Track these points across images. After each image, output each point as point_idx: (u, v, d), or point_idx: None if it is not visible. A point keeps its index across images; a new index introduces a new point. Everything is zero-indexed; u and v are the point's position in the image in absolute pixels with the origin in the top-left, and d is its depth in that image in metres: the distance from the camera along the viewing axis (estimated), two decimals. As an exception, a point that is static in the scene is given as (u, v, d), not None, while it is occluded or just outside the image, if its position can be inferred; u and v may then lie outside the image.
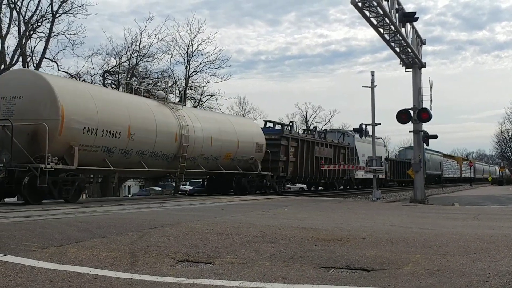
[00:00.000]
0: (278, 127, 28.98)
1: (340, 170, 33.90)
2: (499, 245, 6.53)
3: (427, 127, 25.30)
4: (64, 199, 14.36)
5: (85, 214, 9.83)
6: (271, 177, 25.23)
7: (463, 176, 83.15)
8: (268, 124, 29.21)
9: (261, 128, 26.55)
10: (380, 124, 25.35)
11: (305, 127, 79.16)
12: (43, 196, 13.93)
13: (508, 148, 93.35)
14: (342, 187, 37.78)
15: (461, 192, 46.89)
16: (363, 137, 40.56)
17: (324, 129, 33.16)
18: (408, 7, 20.37)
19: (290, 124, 31.61)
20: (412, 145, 26.90)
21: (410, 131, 24.87)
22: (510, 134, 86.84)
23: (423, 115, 23.55)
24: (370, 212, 13.52)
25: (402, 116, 23.62)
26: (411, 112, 23.76)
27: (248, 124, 25.69)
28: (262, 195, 23.21)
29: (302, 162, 28.92)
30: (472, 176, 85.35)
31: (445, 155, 74.85)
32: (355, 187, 40.32)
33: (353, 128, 29.63)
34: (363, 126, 25.21)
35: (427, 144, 26.84)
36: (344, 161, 34.51)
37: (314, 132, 32.73)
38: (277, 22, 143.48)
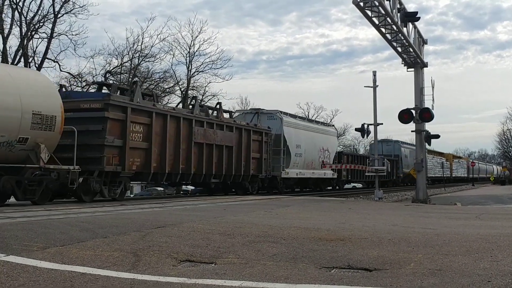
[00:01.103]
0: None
1: (253, 165, 23.39)
2: (501, 245, 6.53)
3: (429, 127, 25.31)
4: None
5: (87, 214, 9.84)
6: (86, 174, 15.05)
7: (453, 175, 71.39)
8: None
9: (74, 91, 16.24)
10: (382, 124, 25.39)
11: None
12: None
13: (510, 148, 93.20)
14: (265, 191, 26.88)
15: (463, 192, 46.82)
16: (299, 120, 30.70)
17: (219, 102, 22.54)
18: (409, 7, 20.42)
19: (134, 85, 18.55)
20: (386, 138, 26.10)
21: (412, 131, 24.87)
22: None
23: (425, 115, 23.54)
24: (372, 212, 13.51)
25: (404, 116, 23.61)
26: (413, 112, 23.75)
27: (6, 75, 13.17)
28: (264, 195, 23.16)
29: (165, 151, 17.75)
30: (466, 175, 77.91)
31: (430, 151, 63.68)
32: (287, 191, 27.92)
33: (355, 128, 29.33)
34: (365, 126, 25.20)
35: (429, 144, 26.84)
36: (260, 153, 23.96)
37: (192, 105, 21.13)
38: (278, 22, 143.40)
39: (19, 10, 31.10)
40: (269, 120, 26.65)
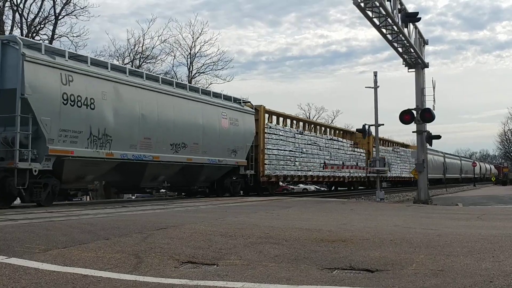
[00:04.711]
0: None
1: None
2: (503, 245, 6.52)
3: (430, 127, 25.30)
4: None
5: (89, 216, 9.84)
6: None
7: (393, 175, 42.28)
8: None
9: None
10: (383, 124, 25.40)
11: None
12: None
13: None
14: None
15: (465, 192, 46.80)
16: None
17: None
18: (408, 7, 20.33)
19: None
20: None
21: (413, 132, 24.86)
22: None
23: (426, 115, 23.53)
24: (373, 212, 13.50)
25: (405, 117, 23.61)
26: (414, 112, 23.74)
27: None
28: (266, 196, 23.17)
29: None
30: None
31: (338, 129, 39.44)
32: None
33: (356, 129, 29.01)
34: (367, 126, 25.20)
35: (431, 145, 26.77)
36: None
37: None
38: (277, 23, 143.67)
39: (20, 12, 31.15)
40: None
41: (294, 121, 30.01)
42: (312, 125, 33.72)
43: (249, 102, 24.29)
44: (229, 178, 22.10)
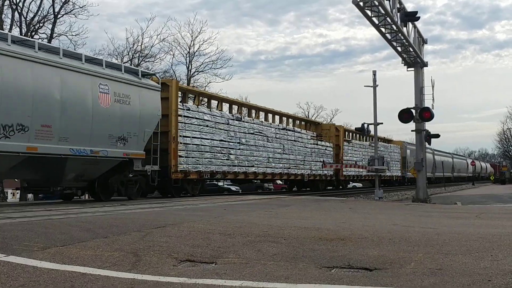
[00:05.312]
0: None
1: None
2: (502, 244, 6.52)
3: (429, 126, 25.29)
4: None
5: (88, 214, 9.84)
6: None
7: (347, 173, 35.00)
8: None
9: None
10: (382, 123, 25.40)
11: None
12: None
13: (510, 147, 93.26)
14: None
15: (464, 191, 46.82)
16: None
17: None
18: (407, 6, 20.17)
19: None
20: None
21: (412, 131, 24.85)
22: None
23: (425, 114, 23.52)
24: (372, 211, 13.51)
25: (404, 115, 23.60)
26: (413, 111, 23.74)
27: None
28: (265, 195, 23.18)
29: None
30: (400, 174, 44.23)
31: (298, 119, 33.94)
32: None
33: (355, 128, 29.02)
34: (365, 125, 25.19)
35: (429, 144, 26.75)
36: None
37: None
38: (276, 22, 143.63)
39: (19, 11, 31.09)
40: None
41: (235, 106, 24.27)
42: (262, 112, 27.05)
43: (154, 75, 19.48)
44: (117, 176, 16.31)
